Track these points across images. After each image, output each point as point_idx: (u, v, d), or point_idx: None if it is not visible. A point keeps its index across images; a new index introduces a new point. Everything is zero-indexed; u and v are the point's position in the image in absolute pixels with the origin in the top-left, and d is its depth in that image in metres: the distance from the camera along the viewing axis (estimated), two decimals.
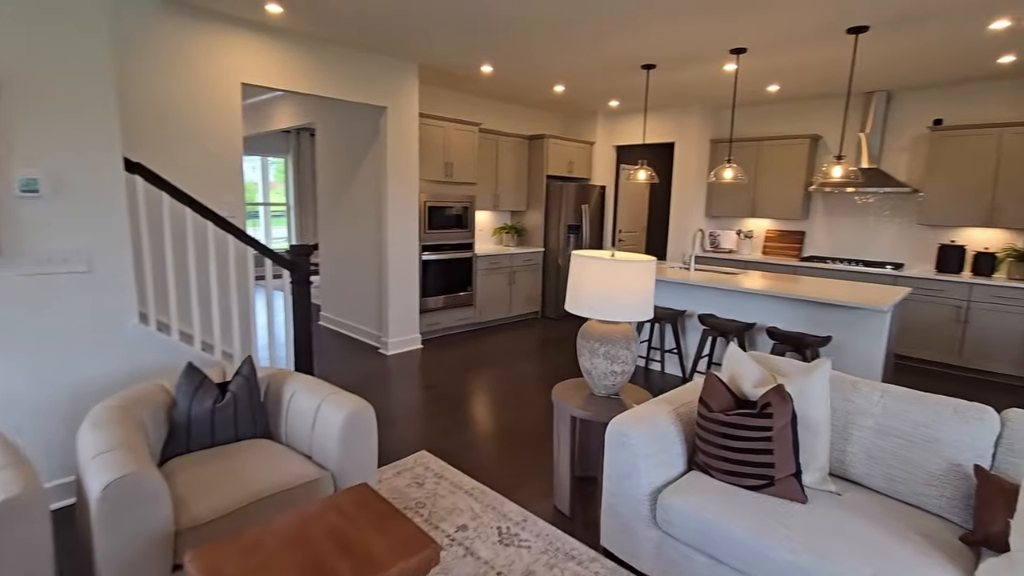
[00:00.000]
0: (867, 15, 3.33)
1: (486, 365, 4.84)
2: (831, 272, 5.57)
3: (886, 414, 2.00)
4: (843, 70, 4.62)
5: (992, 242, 5.04)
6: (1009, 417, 1.83)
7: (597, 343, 2.43)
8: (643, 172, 4.84)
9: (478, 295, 6.01)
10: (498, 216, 6.89)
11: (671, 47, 4.07)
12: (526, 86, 5.64)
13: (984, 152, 4.79)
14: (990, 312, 4.69)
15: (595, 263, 2.35)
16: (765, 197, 6.21)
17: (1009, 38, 3.68)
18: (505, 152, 6.40)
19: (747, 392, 2.12)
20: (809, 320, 3.88)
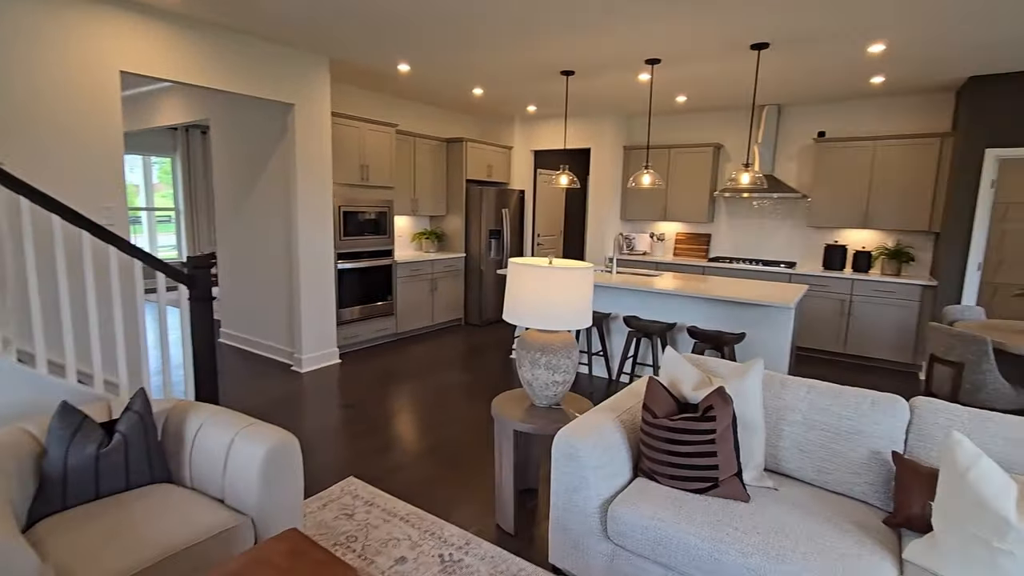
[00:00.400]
0: (768, 34, 3.57)
1: (411, 377, 4.62)
2: (735, 271, 5.96)
3: (812, 409, 2.11)
4: (743, 84, 4.96)
5: (868, 242, 5.66)
6: (916, 405, 1.99)
7: (538, 353, 2.36)
8: (565, 177, 4.88)
9: (399, 304, 5.76)
10: (417, 221, 6.66)
11: (591, 55, 4.14)
12: (445, 88, 5.50)
13: (860, 162, 5.37)
14: (869, 304, 5.25)
15: (533, 271, 2.28)
16: (675, 201, 6.53)
17: (882, 61, 4.13)
18: (423, 155, 6.20)
19: (687, 395, 2.15)
20: (725, 318, 4.10)
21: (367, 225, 5.30)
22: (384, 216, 5.47)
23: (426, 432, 3.52)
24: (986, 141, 4.49)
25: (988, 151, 4.49)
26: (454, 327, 6.56)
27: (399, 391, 4.28)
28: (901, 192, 5.21)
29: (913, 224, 5.19)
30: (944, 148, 4.97)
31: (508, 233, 6.86)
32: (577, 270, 2.27)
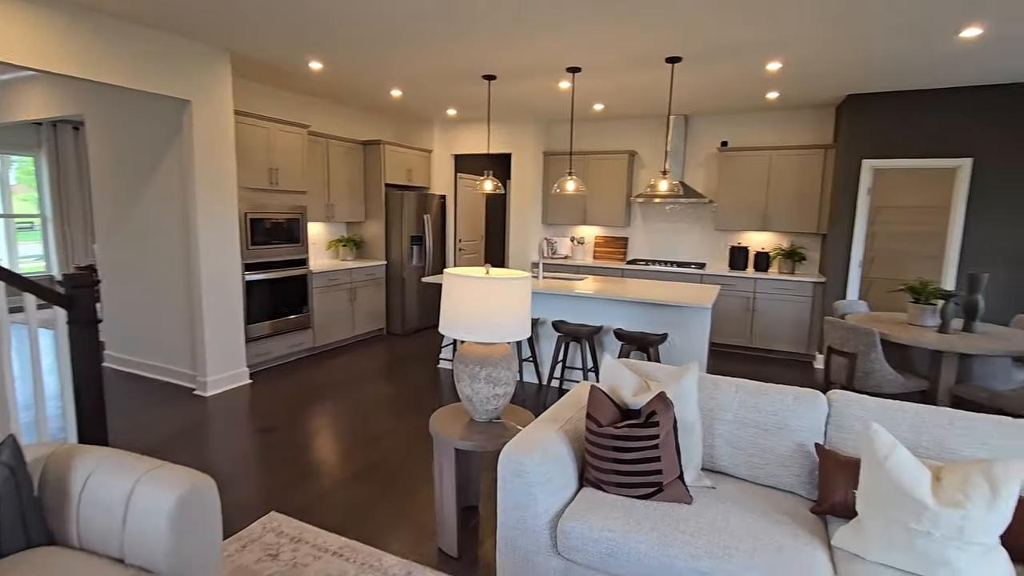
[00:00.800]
0: (682, 49, 3.75)
1: (332, 395, 4.34)
2: (651, 273, 6.23)
3: (742, 407, 2.21)
4: (657, 94, 5.19)
5: (767, 243, 6.15)
6: (833, 398, 2.15)
7: (477, 367, 2.28)
8: (489, 182, 4.84)
9: (316, 316, 5.41)
10: (333, 228, 6.31)
11: (513, 60, 4.12)
12: (361, 88, 5.25)
13: (758, 170, 5.82)
14: (769, 301, 5.69)
15: (470, 283, 2.19)
16: (594, 206, 6.72)
17: (777, 78, 4.49)
18: (338, 158, 5.89)
19: (628, 402, 2.16)
20: (648, 320, 4.25)
21: (278, 233, 4.93)
22: (296, 223, 5.12)
23: (354, 453, 3.31)
24: (862, 153, 5.04)
25: (864, 162, 5.03)
26: (376, 338, 6.28)
27: (320, 410, 4.00)
28: (793, 197, 5.71)
29: (804, 226, 5.71)
30: (828, 158, 5.51)
31: (430, 239, 6.69)
32: (515, 280, 2.22)
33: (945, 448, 1.90)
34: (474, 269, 2.41)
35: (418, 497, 2.82)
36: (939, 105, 4.73)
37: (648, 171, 6.65)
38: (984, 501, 1.53)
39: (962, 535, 1.52)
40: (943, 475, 1.65)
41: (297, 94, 5.63)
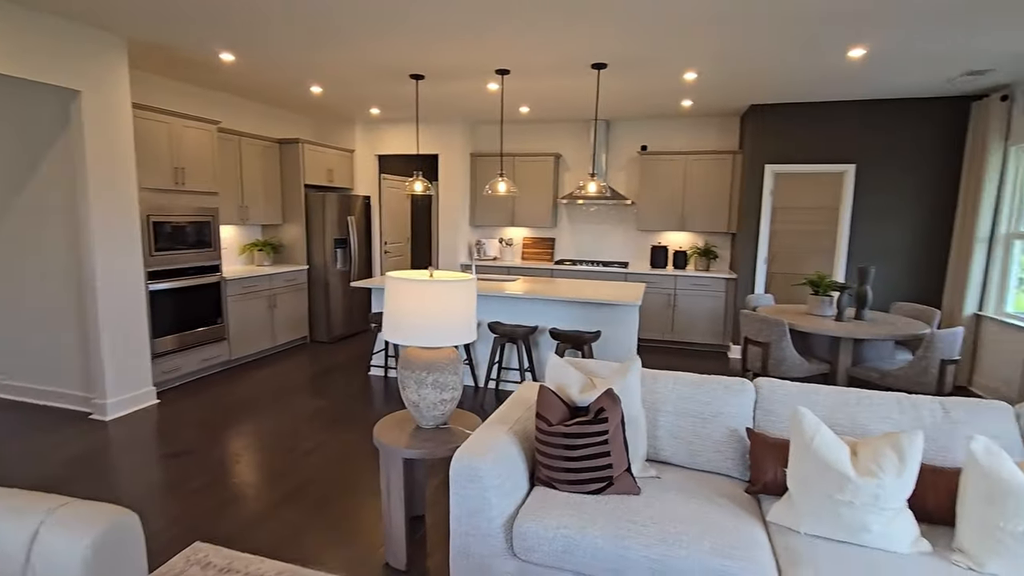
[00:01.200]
0: (607, 56, 3.89)
1: (254, 410, 4.06)
2: (579, 273, 6.41)
3: (680, 399, 2.32)
4: (582, 99, 5.34)
5: (684, 242, 6.53)
6: (759, 385, 2.32)
7: (424, 372, 2.22)
8: (419, 184, 4.74)
9: (232, 326, 5.03)
10: (248, 231, 5.90)
11: (442, 60, 4.07)
12: (278, 84, 4.95)
13: (675, 173, 6.16)
14: (688, 296, 6.05)
15: (414, 286, 2.13)
16: (522, 208, 6.80)
17: (692, 88, 4.78)
18: (252, 157, 5.51)
19: (576, 399, 2.20)
20: (581, 318, 4.36)
21: (186, 237, 4.52)
22: (207, 226, 4.73)
23: (283, 472, 3.11)
24: (765, 158, 5.49)
25: (767, 166, 5.49)
26: (300, 347, 5.95)
27: (241, 428, 3.72)
28: (706, 199, 6.11)
29: (716, 226, 6.12)
30: (736, 163, 5.95)
31: (355, 242, 6.45)
32: (460, 282, 2.19)
33: (857, 424, 2.11)
34: (417, 272, 2.35)
35: (359, 512, 2.70)
36: (829, 117, 5.27)
37: (573, 173, 6.84)
38: (894, 470, 1.71)
39: (878, 501, 1.70)
40: (859, 450, 1.83)
41: (207, 88, 5.21)
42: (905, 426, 2.07)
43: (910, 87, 4.63)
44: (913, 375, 3.55)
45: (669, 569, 1.70)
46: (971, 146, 4.80)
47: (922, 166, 5.08)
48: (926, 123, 5.02)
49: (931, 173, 5.06)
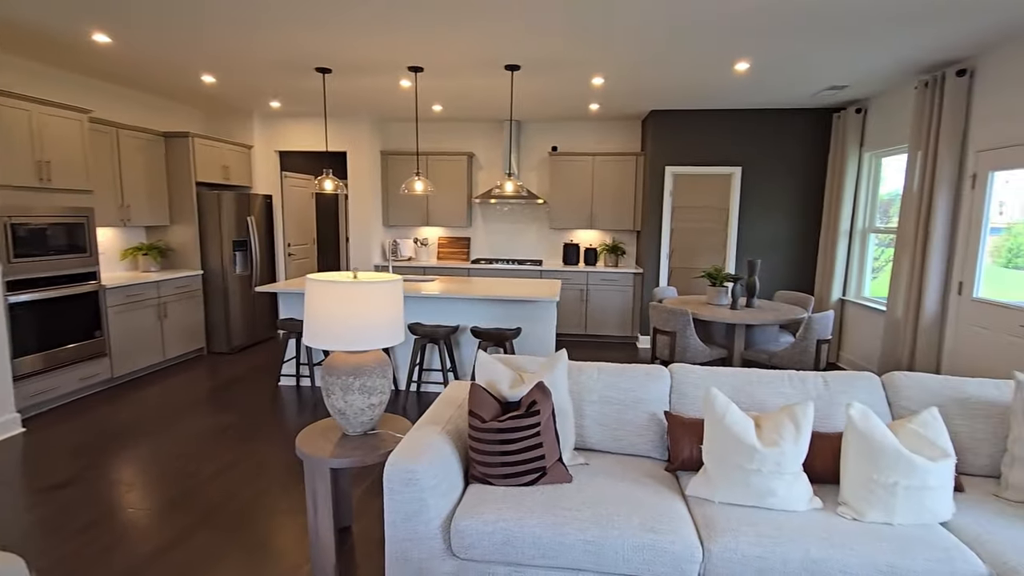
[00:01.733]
0: (520, 58, 3.97)
1: (145, 433, 3.67)
2: (495, 271, 6.48)
3: (605, 387, 2.44)
4: (496, 99, 5.40)
5: (594, 240, 6.82)
6: (673, 370, 2.50)
7: (351, 377, 2.14)
8: (329, 182, 4.53)
9: (113, 341, 4.50)
10: (130, 234, 5.31)
11: (351, 54, 3.92)
12: (164, 71, 4.49)
13: (584, 173, 6.42)
14: (599, 291, 6.34)
15: (338, 288, 2.05)
16: (437, 207, 6.73)
17: (599, 92, 5.02)
18: (133, 151, 4.96)
19: (506, 395, 2.24)
20: (501, 316, 4.41)
21: (54, 241, 3.98)
22: (80, 229, 4.19)
23: (190, 497, 2.84)
24: (665, 160, 5.89)
25: (667, 168, 5.90)
26: (196, 359, 5.46)
27: (133, 453, 3.35)
28: (613, 199, 6.43)
29: (623, 224, 6.47)
30: (639, 164, 6.32)
31: (257, 244, 6.03)
32: (387, 283, 2.14)
33: (756, 400, 2.35)
34: (339, 274, 2.26)
35: (279, 530, 2.54)
36: (719, 123, 5.77)
37: (486, 173, 6.89)
38: (792, 438, 1.93)
39: (780, 467, 1.90)
40: (762, 423, 2.04)
41: (78, 74, 4.59)
42: (795, 399, 2.33)
43: (785, 99, 5.20)
44: (796, 354, 4.00)
45: (604, 549, 1.79)
46: (834, 152, 5.49)
47: (796, 169, 5.72)
48: (798, 131, 5.67)
49: (803, 175, 5.72)
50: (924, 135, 4.02)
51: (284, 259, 6.76)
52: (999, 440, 2.19)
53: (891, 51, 3.70)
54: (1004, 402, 2.23)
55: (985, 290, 3.68)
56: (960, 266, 3.83)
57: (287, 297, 4.61)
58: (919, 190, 4.08)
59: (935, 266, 3.92)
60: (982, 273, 3.69)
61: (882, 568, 1.69)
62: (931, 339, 3.98)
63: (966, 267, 3.78)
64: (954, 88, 3.79)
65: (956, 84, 3.79)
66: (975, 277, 3.71)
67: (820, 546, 1.74)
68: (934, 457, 1.86)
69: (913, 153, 4.19)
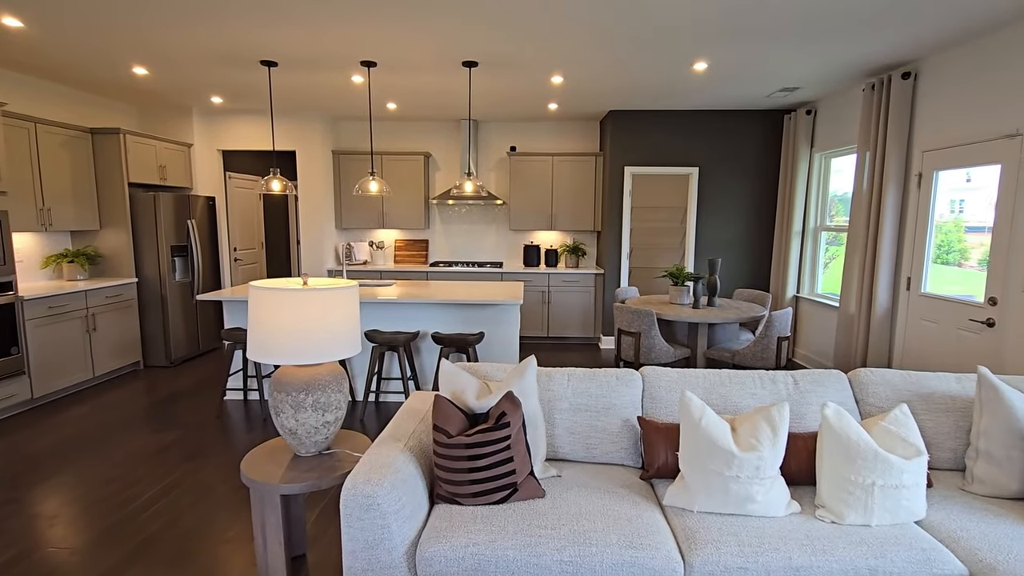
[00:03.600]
0: (477, 54, 3.84)
1: (73, 456, 3.32)
2: (455, 274, 6.31)
3: (575, 394, 2.34)
4: (453, 97, 5.24)
5: (554, 241, 6.76)
6: (645, 373, 2.42)
7: (302, 394, 1.95)
8: (277, 182, 4.26)
9: (32, 358, 4.08)
10: (52, 239, 4.84)
11: (298, 47, 3.69)
12: (88, 61, 4.10)
13: (543, 174, 6.35)
14: (561, 293, 6.28)
15: (288, 296, 1.86)
16: (393, 209, 6.50)
17: (558, 91, 4.95)
18: (54, 149, 4.53)
19: (473, 406, 2.10)
20: (463, 320, 4.26)
21: None
22: None
23: (125, 527, 2.56)
24: (624, 160, 5.89)
25: (626, 168, 5.90)
26: (130, 375, 5.04)
27: (56, 481, 3.01)
28: (573, 199, 6.39)
29: (583, 225, 6.44)
30: (598, 164, 6.31)
31: (198, 249, 5.64)
32: (342, 288, 1.96)
33: (729, 403, 2.30)
34: (288, 280, 2.07)
35: (226, 561, 2.31)
36: (677, 123, 5.81)
37: (443, 173, 6.72)
38: (770, 441, 1.88)
39: (759, 472, 1.85)
40: (737, 426, 1.98)
41: None
42: (767, 399, 2.30)
43: (740, 100, 5.29)
44: (757, 352, 4.04)
45: (582, 569, 1.68)
46: (785, 152, 5.63)
47: (750, 169, 5.84)
48: (752, 132, 5.78)
49: (757, 175, 5.84)
50: (872, 136, 4.15)
51: (229, 265, 6.37)
52: (962, 434, 2.22)
53: (840, 54, 3.78)
54: (965, 396, 2.27)
55: (932, 285, 3.82)
56: (908, 262, 3.96)
57: (232, 305, 4.30)
58: (868, 189, 4.21)
59: (885, 263, 4.04)
60: (929, 269, 3.83)
61: (863, 572, 1.65)
62: (883, 334, 4.10)
63: (914, 263, 3.91)
64: (899, 90, 3.92)
65: (901, 86, 3.92)
66: (923, 273, 3.84)
67: (802, 553, 1.69)
68: (908, 455, 1.85)
69: (862, 153, 4.32)
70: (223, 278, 6.25)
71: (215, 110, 5.96)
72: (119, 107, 5.57)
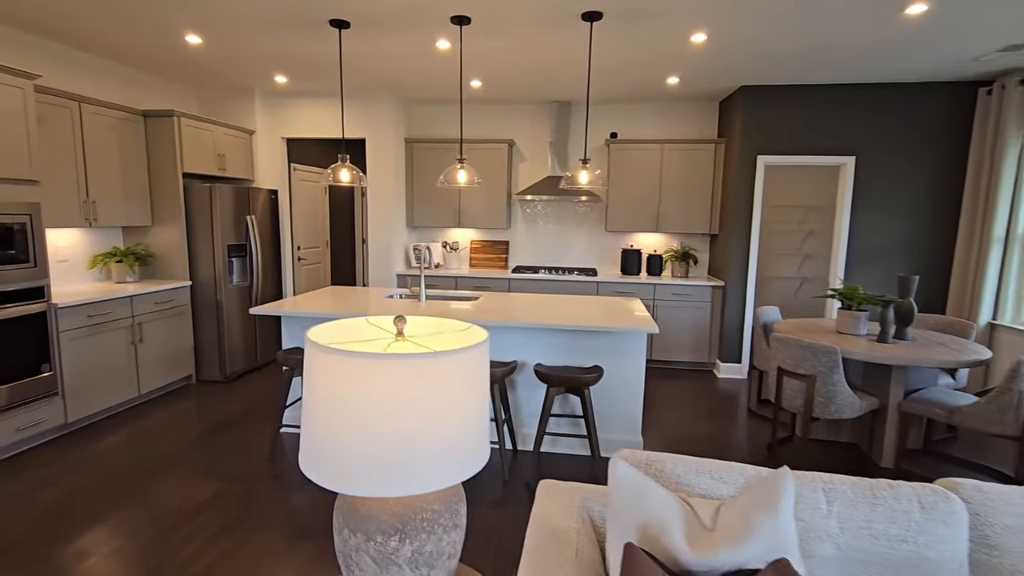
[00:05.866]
0: (602, 2, 2.88)
1: (100, 505, 2.64)
2: (542, 283, 5.39)
3: (846, 530, 1.34)
4: (547, 70, 4.30)
5: (658, 245, 5.71)
6: (968, 496, 1.39)
7: (394, 539, 1.07)
8: (346, 171, 3.48)
9: (67, 375, 3.49)
10: (100, 236, 4.31)
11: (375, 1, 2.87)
12: (137, 29, 3.48)
13: (650, 165, 5.31)
14: (669, 308, 5.23)
15: (377, 369, 0.98)
16: (471, 205, 5.67)
17: (689, 58, 3.90)
18: (102, 133, 3.96)
19: (688, 561, 1.16)
20: (569, 348, 3.33)
21: None
22: (21, 231, 3.18)
23: None
24: (757, 148, 4.76)
25: (759, 158, 4.77)
26: (180, 391, 4.45)
27: (81, 543, 2.32)
28: (685, 196, 5.31)
29: (695, 226, 5.35)
30: (718, 154, 5.20)
31: (258, 248, 5.00)
32: (471, 350, 1.06)
33: None
34: (369, 325, 1.20)
35: None
36: (828, 102, 4.63)
37: (529, 164, 5.81)
38: None
39: None
40: None
41: (19, 30, 3.59)
42: None
43: (924, 67, 4.05)
44: (993, 412, 2.86)
45: None
46: (980, 136, 4.33)
47: (925, 158, 4.57)
48: (931, 111, 4.51)
49: (935, 166, 4.56)
50: None
51: (292, 267, 5.75)
52: None
53: None
54: None
55: None
56: None
57: (292, 321, 3.58)
58: None
59: None
60: None
61: None
62: None
63: None
64: None
65: None
66: None
67: None
68: None
69: None
70: (284, 282, 5.62)
71: (279, 92, 5.32)
72: (176, 89, 5.02)
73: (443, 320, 1.33)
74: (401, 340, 1.17)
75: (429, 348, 1.21)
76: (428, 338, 1.27)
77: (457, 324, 1.32)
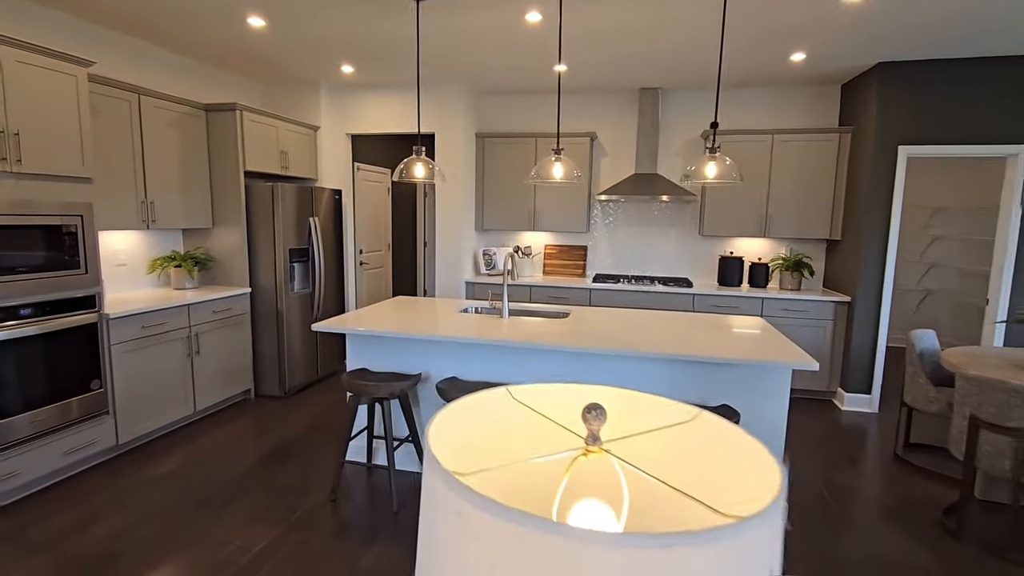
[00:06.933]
0: None
1: (151, 551, 2.25)
2: (628, 294, 4.76)
3: None
4: (648, 49, 3.69)
5: (762, 252, 4.96)
6: None
7: None
8: (421, 165, 3.01)
9: (119, 393, 3.19)
10: (162, 238, 4.06)
11: None
12: (196, 11, 3.14)
13: (757, 159, 4.59)
14: (780, 326, 4.48)
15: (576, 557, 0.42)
16: (547, 206, 5.12)
17: (829, 25, 3.20)
18: (160, 127, 3.68)
19: None
20: (693, 383, 2.71)
21: (27, 253, 2.69)
22: (71, 234, 2.89)
23: None
24: (898, 138, 3.96)
25: (901, 148, 3.96)
26: (238, 407, 4.13)
27: None
28: (798, 194, 4.55)
29: (812, 231, 4.58)
30: (843, 146, 4.41)
31: (321, 253, 4.65)
32: (752, 522, 0.49)
33: None
34: (505, 401, 0.65)
35: None
36: (989, 79, 3.77)
37: (611, 160, 5.20)
38: None
39: None
40: None
41: (76, 17, 3.34)
42: None
43: None
44: None
45: None
46: None
47: None
48: None
49: None
50: None
51: (355, 273, 5.39)
52: None
53: None
54: None
55: None
56: None
57: (357, 340, 3.14)
58: None
59: None
60: None
61: None
62: None
63: None
64: None
65: None
66: None
67: None
68: None
69: None
70: (347, 289, 5.26)
71: (345, 84, 4.96)
72: (240, 82, 4.75)
73: (633, 394, 0.77)
74: (596, 453, 0.62)
75: (658, 478, 0.65)
76: (632, 443, 0.71)
77: (659, 401, 0.76)
